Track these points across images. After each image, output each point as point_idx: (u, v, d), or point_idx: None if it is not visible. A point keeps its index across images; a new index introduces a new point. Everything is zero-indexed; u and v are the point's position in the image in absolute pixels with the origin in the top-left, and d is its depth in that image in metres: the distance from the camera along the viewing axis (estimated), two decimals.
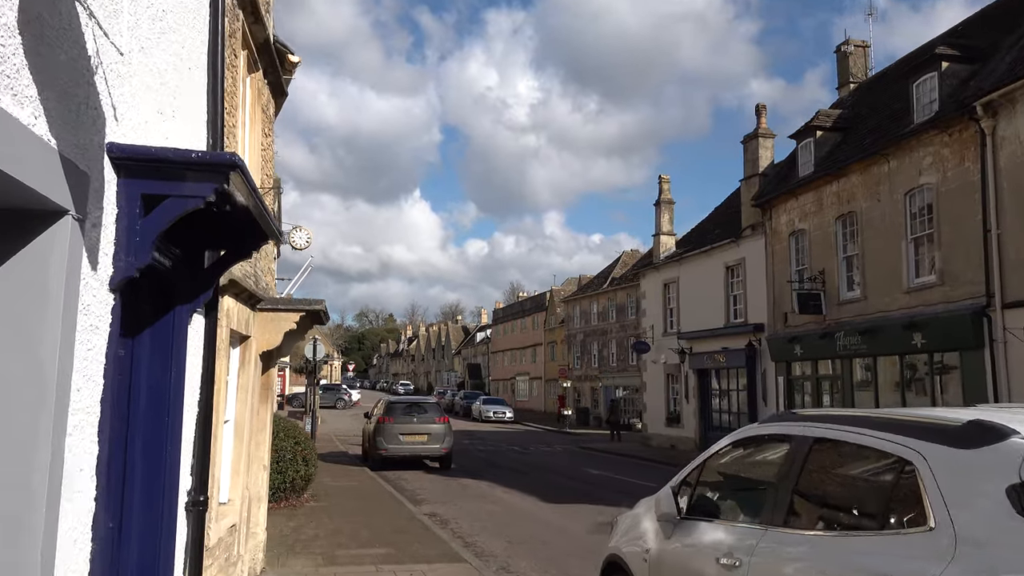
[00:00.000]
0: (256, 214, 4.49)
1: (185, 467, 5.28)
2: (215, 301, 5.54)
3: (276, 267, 34.92)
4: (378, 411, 22.55)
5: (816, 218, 22.75)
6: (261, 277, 8.26)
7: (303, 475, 14.15)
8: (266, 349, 7.82)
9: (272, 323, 7.75)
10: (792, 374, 23.99)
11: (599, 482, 19.65)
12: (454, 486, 18.25)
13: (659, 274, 32.65)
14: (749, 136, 26.85)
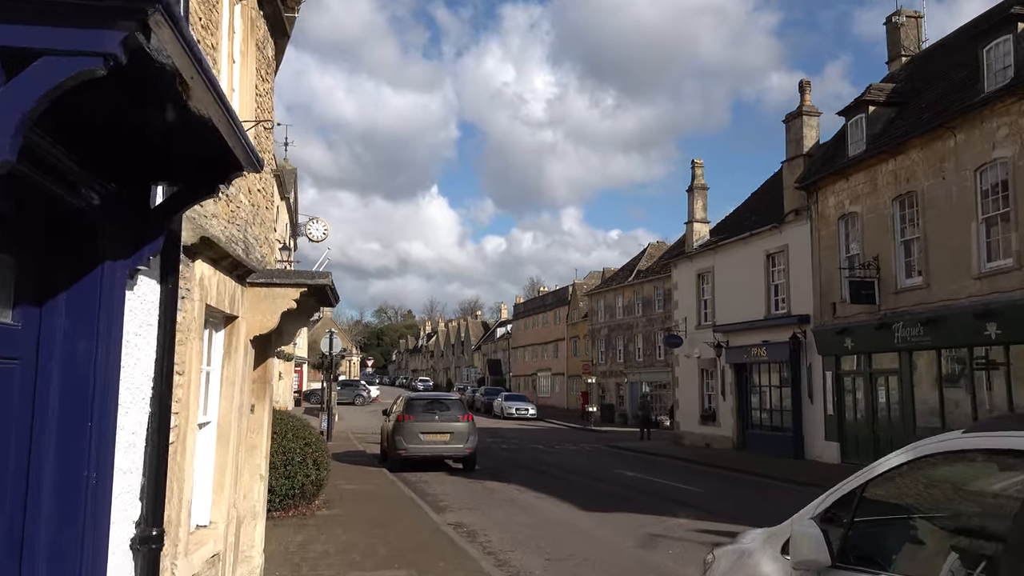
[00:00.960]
0: (221, 126, 2.98)
1: (131, 489, 3.79)
2: (173, 261, 4.05)
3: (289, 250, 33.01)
4: (397, 408, 21.10)
5: (869, 200, 20.99)
6: (254, 246, 6.77)
7: (314, 480, 12.71)
8: (259, 333, 6.34)
9: (266, 301, 6.26)
10: (841, 369, 22.26)
11: (635, 485, 18.07)
12: (480, 490, 16.75)
13: (692, 264, 30.95)
14: (792, 114, 25.09)
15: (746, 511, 14.30)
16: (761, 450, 25.17)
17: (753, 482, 19.17)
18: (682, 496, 16.24)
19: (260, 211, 7.28)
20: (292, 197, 47.31)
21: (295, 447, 12.52)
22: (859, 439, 21.32)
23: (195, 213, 4.75)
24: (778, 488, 18.03)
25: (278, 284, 6.24)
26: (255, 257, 6.60)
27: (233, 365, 6.02)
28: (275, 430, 12.51)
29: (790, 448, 23.74)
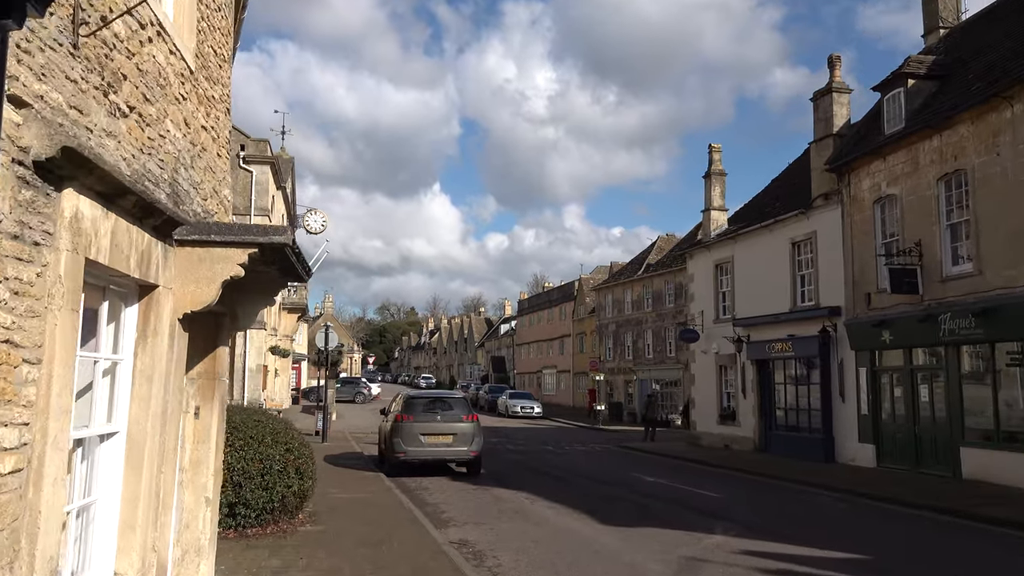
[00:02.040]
0: None
1: None
2: None
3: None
4: (396, 408, 19.40)
5: (910, 180, 19.25)
6: (192, 197, 5.08)
7: (296, 491, 11.03)
8: (193, 309, 4.66)
9: (202, 266, 4.58)
10: (878, 364, 20.52)
11: (657, 493, 16.38)
12: (486, 499, 15.05)
13: (710, 254, 29.22)
14: (821, 91, 23.34)
15: (790, 526, 12.59)
16: (786, 452, 23.46)
17: (786, 489, 17.45)
18: (711, 506, 14.53)
19: (207, 156, 5.59)
20: (290, 187, 45.73)
21: (274, 453, 10.86)
22: (897, 441, 19.60)
23: (61, 115, 3.05)
24: (814, 495, 16.31)
25: (217, 242, 4.54)
26: (190, 210, 4.90)
27: (152, 354, 4.34)
28: (252, 434, 10.88)
29: (819, 450, 22.02)
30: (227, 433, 10.83)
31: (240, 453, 10.62)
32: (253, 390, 33.52)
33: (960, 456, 17.36)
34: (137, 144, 4.07)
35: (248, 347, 33.32)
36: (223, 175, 6.18)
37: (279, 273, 5.63)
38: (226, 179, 6.33)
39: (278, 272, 5.60)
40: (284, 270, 5.52)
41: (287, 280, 5.91)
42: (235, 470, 10.50)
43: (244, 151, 34.21)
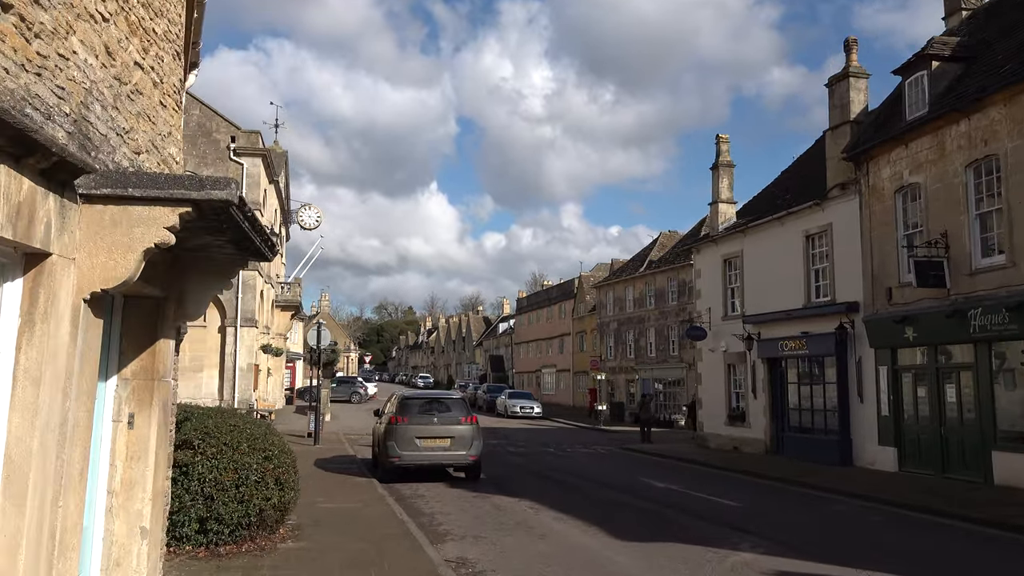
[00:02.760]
0: None
1: None
2: None
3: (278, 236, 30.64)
4: (390, 409, 18.29)
5: (936, 167, 18.15)
6: (109, 139, 3.94)
7: (276, 503, 9.90)
8: (105, 286, 3.53)
9: (116, 230, 3.46)
10: (900, 363, 19.42)
11: (670, 500, 15.26)
12: (486, 509, 13.93)
13: (717, 248, 28.10)
14: (837, 76, 22.22)
15: (821, 541, 11.48)
16: (799, 455, 22.35)
17: (806, 496, 16.34)
18: (731, 516, 13.42)
19: (143, 101, 4.46)
20: (283, 182, 44.52)
21: (251, 462, 9.73)
22: (922, 444, 18.51)
23: None
24: (840, 504, 15.20)
25: (137, 198, 3.42)
26: (110, 161, 3.76)
27: (42, 347, 3.23)
28: (226, 440, 9.77)
29: (835, 453, 20.92)
30: (199, 439, 9.74)
31: (212, 462, 9.50)
32: (244, 390, 32.38)
33: (992, 461, 16.27)
34: (17, 57, 2.96)
35: (238, 345, 32.19)
36: (169, 130, 5.05)
37: (234, 248, 4.50)
38: (174, 136, 5.19)
39: (232, 246, 4.46)
40: (239, 243, 4.39)
41: (245, 258, 4.78)
42: (206, 481, 9.39)
43: (235, 143, 33.06)
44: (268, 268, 36.83)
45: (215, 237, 4.22)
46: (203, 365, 32.07)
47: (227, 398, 31.85)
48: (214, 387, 32.19)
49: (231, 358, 32.12)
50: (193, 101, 33.23)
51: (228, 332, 32.19)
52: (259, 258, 4.80)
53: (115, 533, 4.41)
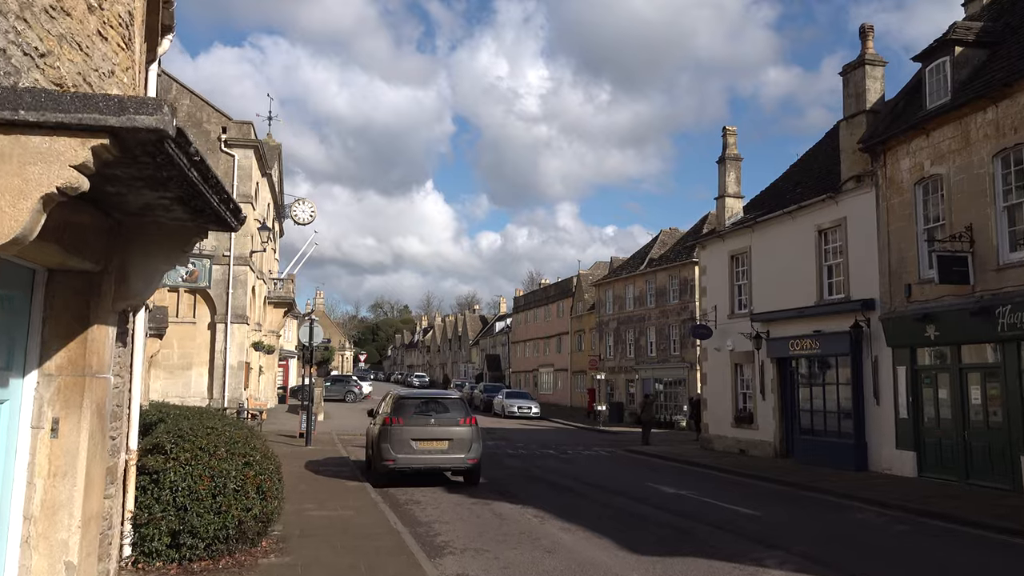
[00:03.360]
0: None
1: None
2: None
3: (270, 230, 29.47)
4: (385, 409, 17.35)
5: (959, 158, 17.26)
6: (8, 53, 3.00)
7: (258, 514, 8.95)
8: None
9: (3, 167, 2.51)
10: (919, 363, 18.52)
11: (683, 508, 14.34)
12: (487, 517, 12.99)
13: (724, 244, 27.19)
14: (852, 64, 21.32)
15: (853, 555, 10.57)
16: (811, 459, 21.46)
17: (826, 503, 15.43)
18: (751, 527, 12.50)
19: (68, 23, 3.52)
20: (276, 175, 43.47)
21: (230, 468, 8.79)
22: (943, 448, 17.62)
23: None
24: (863, 512, 14.30)
25: (31, 124, 2.48)
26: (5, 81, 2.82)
27: None
28: (202, 444, 8.83)
29: (850, 457, 20.03)
30: (171, 444, 8.80)
31: (186, 468, 8.56)
32: (234, 389, 31.41)
33: (1022, 467, 15.38)
34: None
35: (229, 342, 31.21)
36: (111, 68, 4.10)
37: (185, 210, 3.56)
38: (118, 78, 4.24)
39: (181, 207, 3.52)
40: (190, 202, 3.44)
41: (202, 225, 3.84)
42: (179, 490, 8.46)
43: (226, 134, 32.06)
44: (260, 263, 35.82)
45: (157, 193, 3.28)
46: (192, 363, 31.10)
47: (217, 397, 30.88)
48: (203, 386, 31.22)
49: (221, 356, 31.14)
50: (183, 91, 32.24)
51: (218, 329, 31.21)
52: (220, 225, 3.86)
53: (32, 571, 3.49)
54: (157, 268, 3.96)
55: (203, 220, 3.77)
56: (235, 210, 3.82)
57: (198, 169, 3.07)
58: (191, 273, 24.91)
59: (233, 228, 3.94)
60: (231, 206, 3.74)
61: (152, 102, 2.54)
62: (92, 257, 3.59)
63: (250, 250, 32.38)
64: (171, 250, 3.94)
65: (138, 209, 3.64)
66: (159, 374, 30.30)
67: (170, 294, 30.22)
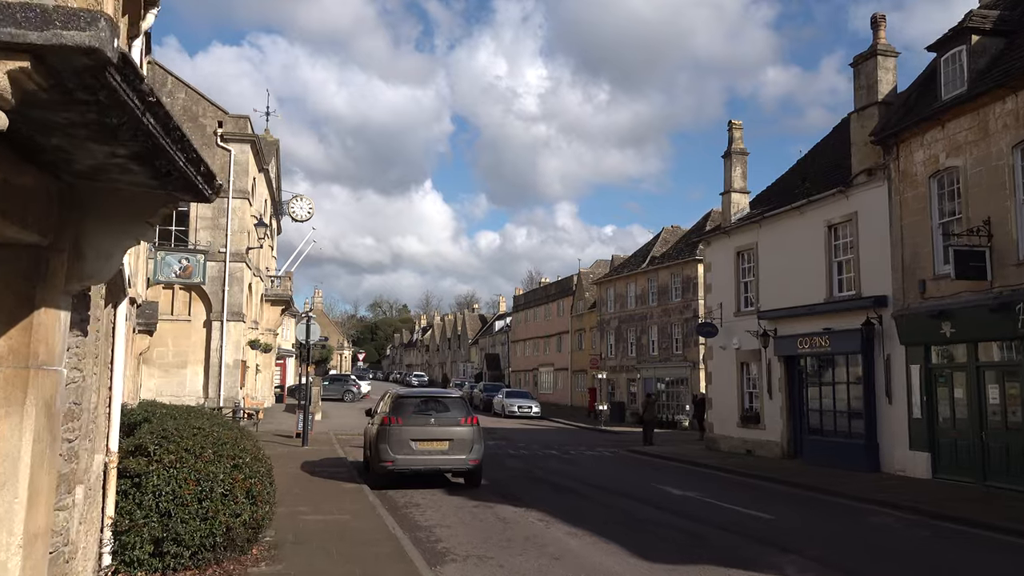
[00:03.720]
0: None
1: None
2: None
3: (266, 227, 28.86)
4: (383, 408, 16.80)
5: (976, 150, 16.73)
6: None
7: (247, 520, 8.40)
8: None
9: None
10: (934, 361, 17.99)
11: (693, 512, 13.80)
12: (490, 520, 12.44)
13: (730, 240, 26.65)
14: (863, 55, 20.78)
15: (875, 563, 10.03)
16: (820, 460, 20.93)
17: (840, 506, 14.88)
18: (764, 531, 11.96)
19: None
20: (274, 171, 42.84)
21: (217, 472, 8.24)
22: (959, 449, 17.08)
23: None
24: (876, 514, 13.75)
25: None
26: None
27: None
28: (187, 446, 8.28)
29: (861, 458, 19.49)
30: (154, 445, 8.25)
31: (170, 472, 8.01)
32: (230, 388, 30.84)
33: None
34: None
35: (225, 340, 30.64)
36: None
37: (145, 171, 3.01)
38: None
39: (140, 166, 2.98)
40: (149, 160, 2.90)
41: (169, 190, 3.30)
42: (163, 494, 7.91)
43: (222, 128, 31.47)
44: (257, 260, 35.26)
45: (108, 147, 2.73)
46: (187, 361, 30.53)
47: (212, 396, 30.32)
48: (199, 384, 30.65)
49: (217, 354, 30.57)
50: (179, 84, 31.68)
51: (214, 326, 30.63)
52: (191, 192, 3.30)
53: None
54: (118, 243, 3.41)
55: (170, 186, 3.21)
56: (207, 175, 3.27)
57: (154, 114, 2.52)
58: (185, 269, 24.34)
59: (206, 197, 3.39)
60: (202, 169, 3.19)
61: (85, 14, 1.99)
62: (38, 228, 3.04)
63: (246, 246, 31.82)
64: (133, 222, 3.39)
65: (90, 170, 3.09)
66: (153, 372, 29.74)
67: (164, 291, 29.67)
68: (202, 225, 30.68)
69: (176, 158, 2.91)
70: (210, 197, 3.44)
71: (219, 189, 3.48)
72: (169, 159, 2.90)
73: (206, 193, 3.40)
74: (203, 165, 3.20)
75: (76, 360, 3.68)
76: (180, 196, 3.46)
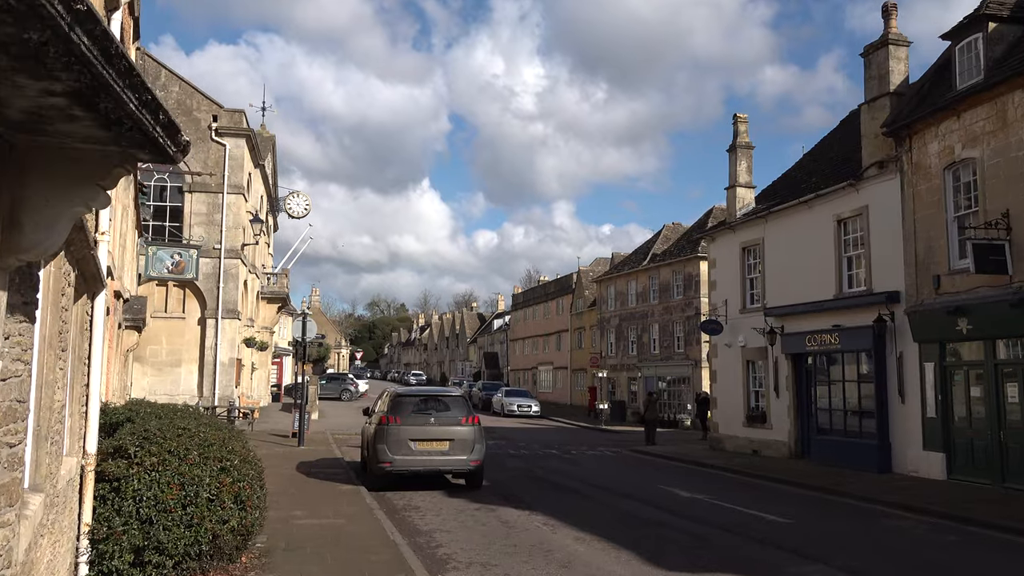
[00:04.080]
0: None
1: None
2: None
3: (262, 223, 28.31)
4: (381, 407, 16.23)
5: (995, 140, 16.19)
6: None
7: (235, 526, 7.83)
8: None
9: None
10: (949, 359, 17.45)
11: (704, 515, 13.25)
12: (493, 524, 11.89)
13: (735, 236, 26.10)
14: (874, 45, 20.23)
15: (902, 570, 9.48)
16: (829, 460, 20.41)
17: (856, 509, 14.32)
18: (782, 536, 11.42)
19: None
20: (270, 167, 42.19)
21: (203, 475, 7.68)
22: (975, 449, 16.55)
23: None
24: (896, 518, 13.22)
25: None
26: None
27: None
28: (171, 447, 7.74)
29: (872, 458, 18.96)
30: (135, 447, 7.70)
31: (152, 475, 7.46)
32: (225, 386, 30.26)
33: None
34: None
35: (220, 338, 30.06)
36: None
37: (91, 118, 2.46)
38: None
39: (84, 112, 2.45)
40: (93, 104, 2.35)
41: (125, 146, 2.75)
42: (144, 500, 7.35)
43: (217, 122, 30.88)
44: (253, 257, 34.68)
45: (40, 82, 2.19)
46: (181, 359, 29.96)
47: (207, 395, 29.75)
48: (193, 383, 30.07)
49: (211, 352, 30.00)
50: (172, 77, 31.09)
51: (208, 324, 30.05)
52: (148, 147, 2.75)
53: None
54: (62, 211, 2.86)
55: (124, 140, 2.65)
56: (168, 125, 2.71)
57: (88, 32, 1.96)
58: (178, 264, 23.78)
59: (170, 154, 2.83)
60: (161, 117, 2.63)
61: None
62: None
63: (242, 243, 31.24)
64: (81, 185, 2.84)
65: (26, 118, 2.54)
66: (146, 371, 29.17)
67: (158, 287, 29.11)
68: (196, 221, 30.10)
69: (125, 98, 2.35)
70: (175, 155, 2.88)
71: (186, 147, 2.92)
72: (116, 99, 2.35)
73: (169, 150, 2.83)
74: (162, 112, 2.64)
75: (20, 351, 3.13)
76: (138, 154, 2.90)
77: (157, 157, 2.92)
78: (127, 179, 14.07)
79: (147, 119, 2.57)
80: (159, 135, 2.70)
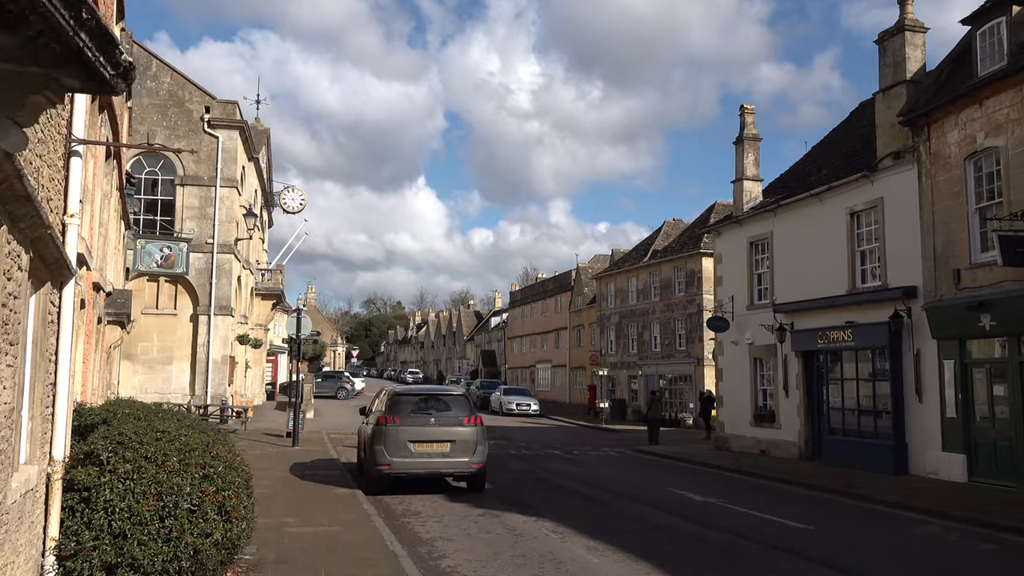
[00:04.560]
0: None
1: None
2: None
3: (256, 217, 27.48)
4: (379, 407, 15.49)
5: (1020, 128, 15.50)
6: None
7: (220, 539, 7.09)
8: None
9: None
10: (970, 356, 16.78)
11: (719, 521, 12.55)
12: (499, 532, 11.17)
13: (742, 230, 25.40)
14: (889, 31, 19.53)
15: None
16: (840, 460, 19.75)
17: (879, 514, 13.62)
18: (805, 544, 10.71)
19: None
20: (264, 161, 41.37)
21: (183, 483, 6.93)
22: (998, 451, 15.88)
23: None
24: (923, 524, 12.53)
25: None
26: None
27: None
28: (147, 452, 7.02)
29: (888, 460, 18.29)
30: (108, 452, 6.96)
31: (126, 484, 6.72)
32: (218, 384, 29.49)
33: None
34: None
35: (212, 335, 29.28)
36: None
37: None
38: None
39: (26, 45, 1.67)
40: None
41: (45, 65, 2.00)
42: (116, 511, 6.61)
43: (209, 113, 30.08)
44: (247, 252, 33.88)
45: None
46: (173, 357, 29.16)
47: (199, 393, 28.98)
48: (185, 381, 29.30)
49: (204, 349, 29.22)
50: (164, 67, 30.28)
51: (201, 321, 29.26)
52: (75, 67, 2.03)
53: None
54: None
55: (44, 58, 1.92)
56: (101, 36, 1.97)
57: None
58: (167, 258, 23.02)
59: (106, 78, 2.10)
60: (86, 17, 1.89)
61: None
62: None
63: (235, 237, 30.45)
64: None
65: None
66: (137, 368, 28.40)
67: (149, 283, 28.32)
68: (188, 215, 29.32)
69: None
70: (112, 81, 2.15)
71: (129, 71, 2.19)
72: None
73: (104, 71, 2.11)
74: (96, 23, 1.92)
75: None
76: (64, 78, 2.16)
77: (90, 82, 2.18)
78: (108, 165, 13.26)
79: (68, 23, 1.84)
80: (88, 50, 1.97)
